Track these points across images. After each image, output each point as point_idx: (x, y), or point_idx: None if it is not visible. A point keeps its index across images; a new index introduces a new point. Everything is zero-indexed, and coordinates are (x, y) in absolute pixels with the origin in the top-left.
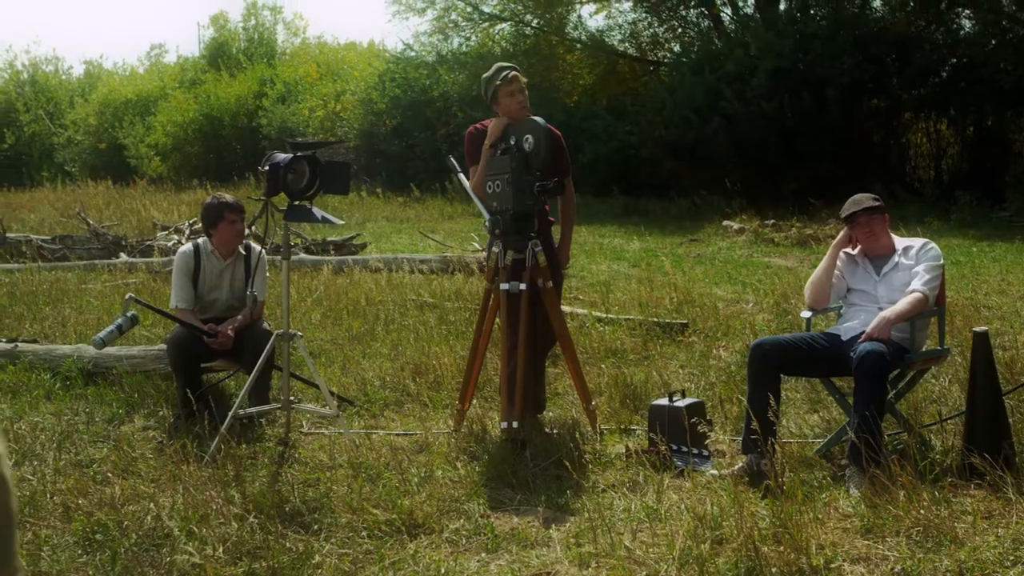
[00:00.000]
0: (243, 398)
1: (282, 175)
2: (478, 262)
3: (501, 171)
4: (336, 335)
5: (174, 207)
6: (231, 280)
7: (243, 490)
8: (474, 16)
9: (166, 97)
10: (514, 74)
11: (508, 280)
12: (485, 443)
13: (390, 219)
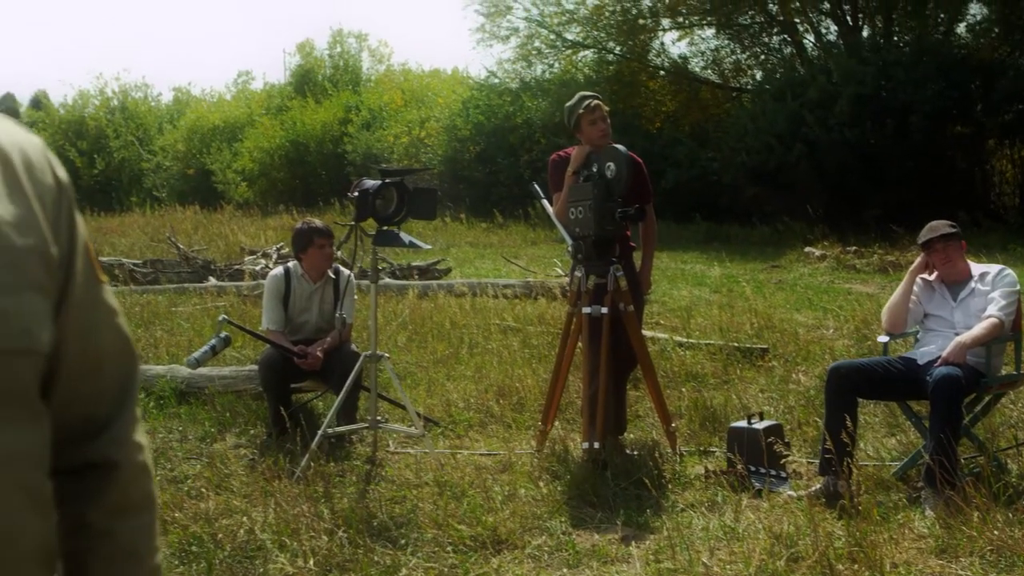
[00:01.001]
0: (332, 418)
1: (371, 201)
2: (560, 287)
3: (584, 197)
4: (421, 358)
5: (261, 232)
6: (320, 303)
7: (332, 506)
8: (557, 43)
9: (253, 123)
10: (596, 103)
11: (590, 304)
12: (567, 463)
13: (473, 244)
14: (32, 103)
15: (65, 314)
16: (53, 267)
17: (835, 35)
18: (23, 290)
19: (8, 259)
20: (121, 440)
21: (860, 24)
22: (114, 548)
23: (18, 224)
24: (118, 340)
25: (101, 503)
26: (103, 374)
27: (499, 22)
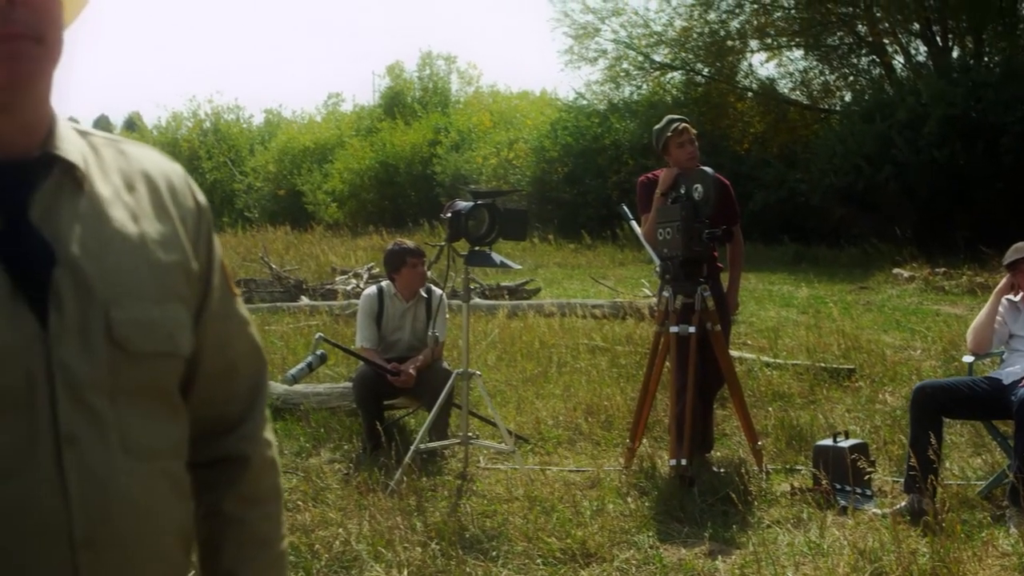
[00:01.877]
0: (424, 433)
1: (463, 222)
2: (648, 307)
3: (672, 219)
4: (511, 376)
5: (351, 252)
6: (413, 321)
7: (425, 519)
8: (645, 65)
9: (343, 145)
10: (684, 126)
11: (678, 323)
12: (655, 479)
13: (562, 265)
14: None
15: (203, 323)
16: (194, 281)
17: (924, 56)
18: (168, 301)
19: (155, 273)
20: (252, 437)
21: (950, 45)
22: (245, 534)
23: (164, 242)
24: (249, 347)
25: (234, 493)
26: (236, 377)
27: (587, 44)
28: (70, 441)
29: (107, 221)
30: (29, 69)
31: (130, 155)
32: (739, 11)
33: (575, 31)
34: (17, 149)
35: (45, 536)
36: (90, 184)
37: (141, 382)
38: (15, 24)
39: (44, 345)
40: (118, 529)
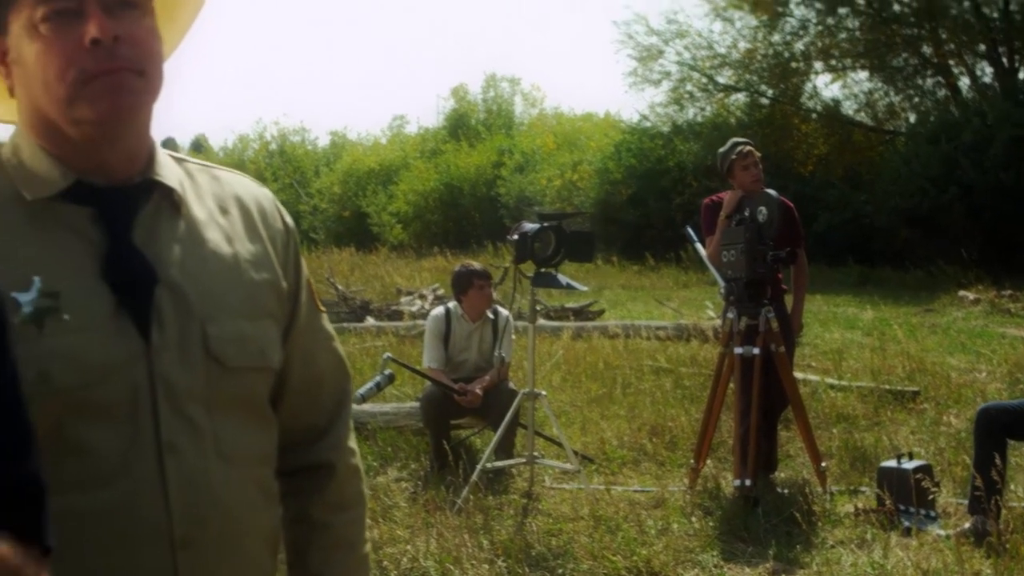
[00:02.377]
0: (490, 453)
1: (530, 244)
2: (712, 329)
3: (736, 241)
4: (575, 397)
5: (416, 273)
6: (479, 342)
7: (492, 537)
8: (709, 87)
9: (407, 166)
10: (748, 149)
11: (742, 344)
12: (719, 499)
13: (625, 287)
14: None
15: (291, 338)
16: (283, 299)
17: (990, 77)
18: (260, 317)
19: (248, 292)
20: (337, 446)
21: (1016, 66)
22: (331, 538)
23: (256, 262)
24: (334, 361)
25: (321, 499)
26: (322, 389)
27: (651, 66)
28: (170, 449)
29: (203, 243)
30: (131, 101)
31: (223, 180)
32: (803, 33)
33: (639, 53)
34: (120, 175)
35: (148, 536)
36: (187, 208)
37: (235, 394)
38: (119, 59)
39: (147, 359)
40: (213, 531)
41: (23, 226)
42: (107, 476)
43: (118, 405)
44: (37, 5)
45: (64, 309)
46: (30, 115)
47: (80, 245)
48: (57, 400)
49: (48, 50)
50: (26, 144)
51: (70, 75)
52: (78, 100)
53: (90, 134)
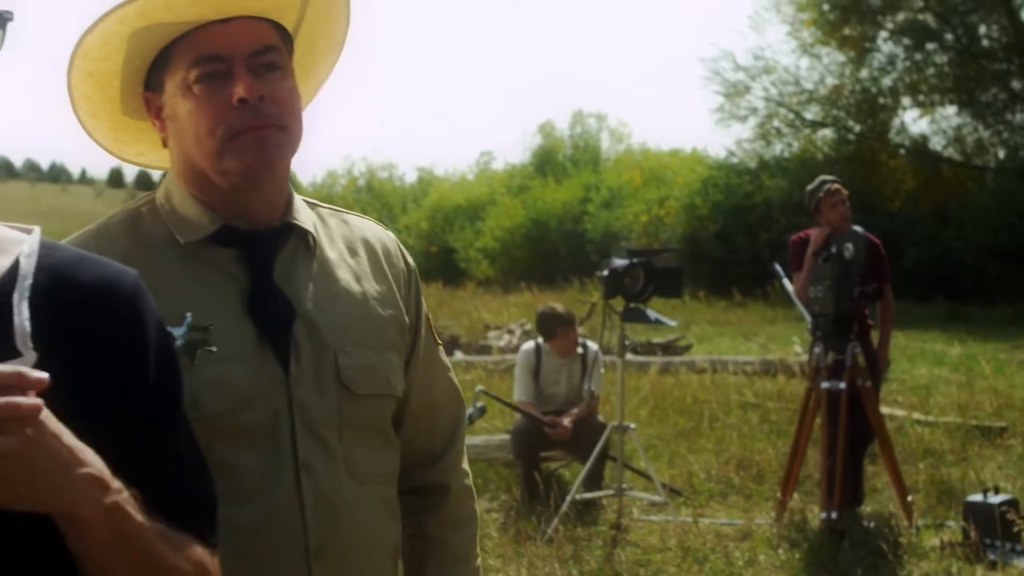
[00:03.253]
0: (579, 484)
1: (620, 279)
2: (799, 364)
3: (823, 277)
4: (663, 431)
5: (503, 308)
6: (568, 376)
7: (581, 567)
8: (796, 123)
9: (494, 202)
10: (836, 187)
11: (829, 379)
12: (805, 532)
13: (712, 322)
14: None
15: (412, 368)
16: (405, 332)
17: None
18: (385, 349)
19: (375, 326)
20: (452, 468)
21: None
22: (446, 553)
23: (381, 299)
24: (450, 389)
25: (437, 517)
26: (439, 415)
27: (738, 102)
28: (307, 468)
29: (335, 281)
30: (273, 154)
31: (351, 224)
32: (891, 68)
33: (726, 89)
34: (262, 220)
35: (286, 547)
36: (320, 249)
37: (362, 419)
38: (264, 117)
39: (286, 387)
40: (343, 543)
41: (176, 266)
42: (251, 493)
43: (261, 429)
44: (191, 67)
45: (213, 342)
46: (182, 165)
47: (227, 283)
48: (207, 424)
49: (200, 108)
50: (177, 191)
51: (219, 131)
52: (226, 153)
53: (236, 183)
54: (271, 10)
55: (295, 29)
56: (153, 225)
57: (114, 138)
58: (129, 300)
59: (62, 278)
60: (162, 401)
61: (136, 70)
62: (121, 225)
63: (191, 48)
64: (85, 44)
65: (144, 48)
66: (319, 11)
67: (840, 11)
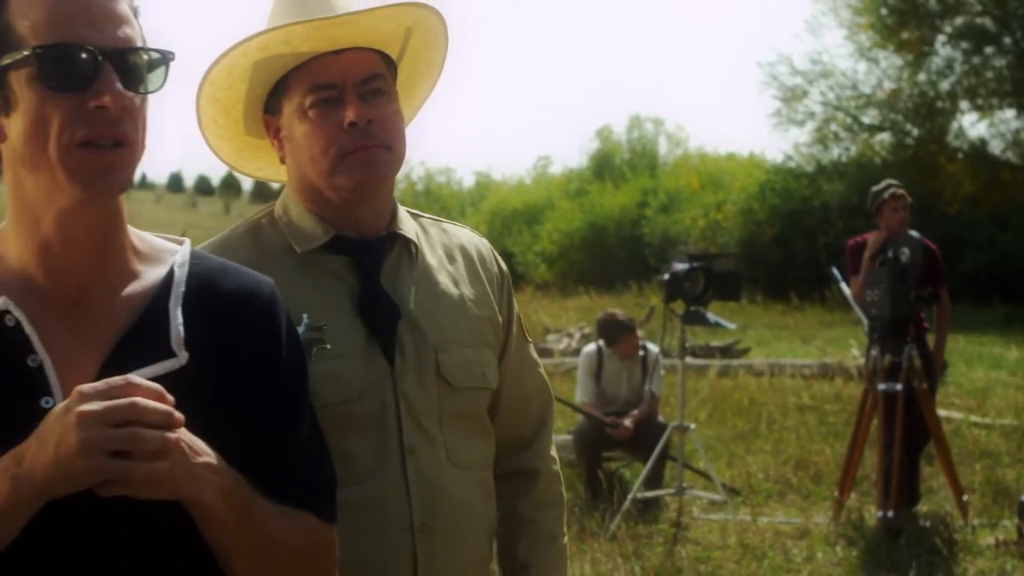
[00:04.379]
0: (640, 483)
1: (680, 283)
2: (857, 367)
3: (880, 281)
4: (721, 433)
5: (561, 312)
6: (629, 378)
7: (643, 563)
8: (854, 127)
9: (552, 206)
10: (901, 192)
11: (885, 381)
12: (862, 530)
13: (770, 326)
14: None
15: (504, 363)
16: (498, 330)
17: None
18: (481, 346)
19: (472, 325)
20: (541, 454)
21: None
22: (537, 532)
23: (477, 301)
24: (539, 382)
25: (527, 499)
26: (529, 406)
27: (795, 106)
28: (411, 453)
29: (435, 284)
30: (380, 171)
31: (449, 232)
32: (949, 72)
33: (783, 93)
34: (370, 230)
35: (394, 524)
36: (422, 256)
37: (460, 409)
38: (372, 138)
39: (392, 381)
40: (444, 521)
41: (293, 272)
42: (362, 475)
43: (370, 418)
44: (306, 94)
45: (327, 340)
46: (297, 181)
47: (339, 287)
48: (323, 414)
49: (314, 130)
50: (293, 205)
51: (332, 151)
52: (338, 171)
53: (347, 198)
54: (378, 41)
55: (399, 57)
56: (272, 235)
57: (236, 155)
58: (267, 305)
59: (208, 285)
60: (292, 394)
61: (257, 96)
62: (245, 236)
63: (307, 76)
64: (212, 73)
65: (265, 77)
66: (421, 41)
67: (898, 15)
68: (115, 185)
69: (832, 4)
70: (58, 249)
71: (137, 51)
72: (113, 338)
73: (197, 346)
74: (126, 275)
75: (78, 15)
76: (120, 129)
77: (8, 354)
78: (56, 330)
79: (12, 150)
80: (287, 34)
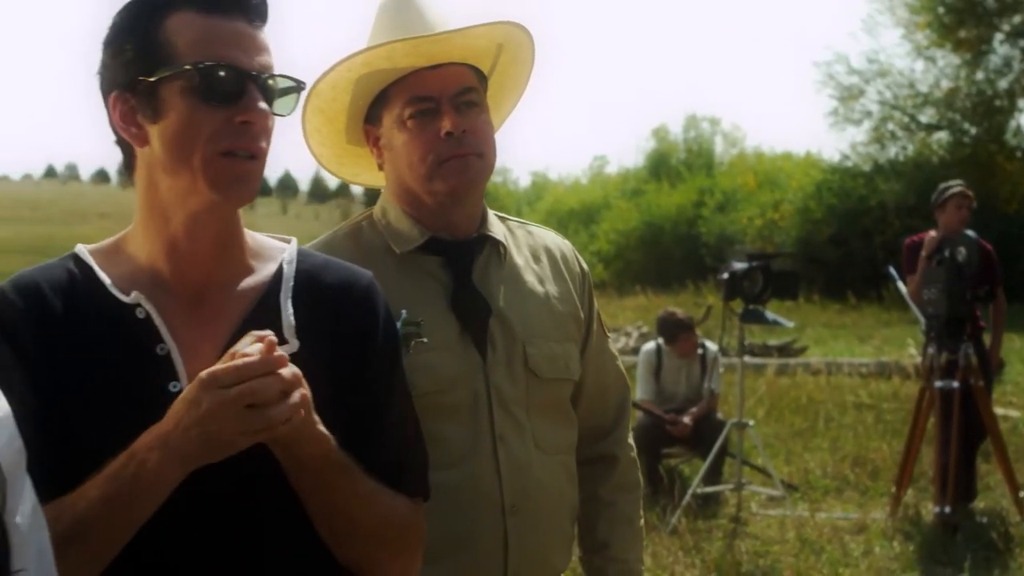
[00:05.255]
0: (700, 479)
1: (739, 282)
2: (914, 366)
3: (936, 280)
4: (779, 430)
5: (618, 311)
6: (688, 376)
7: (703, 556)
8: (911, 126)
9: (609, 206)
10: (969, 192)
11: (942, 379)
12: (919, 526)
13: (827, 325)
14: None
15: (586, 356)
16: (580, 326)
17: None
18: (565, 340)
19: (556, 321)
20: (620, 442)
21: None
22: (616, 514)
23: (561, 298)
24: (617, 374)
25: (607, 484)
26: (608, 396)
27: (852, 106)
28: (502, 439)
29: (522, 283)
30: (474, 178)
31: (534, 234)
32: (1007, 70)
33: (840, 93)
34: (463, 231)
35: (486, 505)
36: (510, 256)
37: (546, 399)
38: (466, 146)
39: (483, 372)
40: (532, 502)
41: (392, 271)
42: (456, 459)
43: (464, 406)
44: (405, 105)
45: (424, 334)
46: (396, 186)
47: (434, 285)
48: (420, 402)
49: (413, 139)
50: (392, 208)
51: (429, 159)
52: (435, 177)
53: (442, 202)
54: (471, 58)
55: (490, 71)
56: (372, 236)
57: (336, 162)
58: (364, 295)
59: (313, 279)
60: (387, 376)
61: (359, 108)
62: (347, 237)
63: (406, 89)
64: (318, 87)
65: (367, 90)
66: (510, 57)
67: (955, 13)
68: (247, 193)
69: (889, 3)
70: (185, 247)
71: (276, 77)
72: (232, 327)
73: (305, 334)
74: (242, 271)
75: (230, 40)
76: (257, 143)
77: (139, 343)
78: (181, 321)
79: (151, 155)
80: (389, 51)
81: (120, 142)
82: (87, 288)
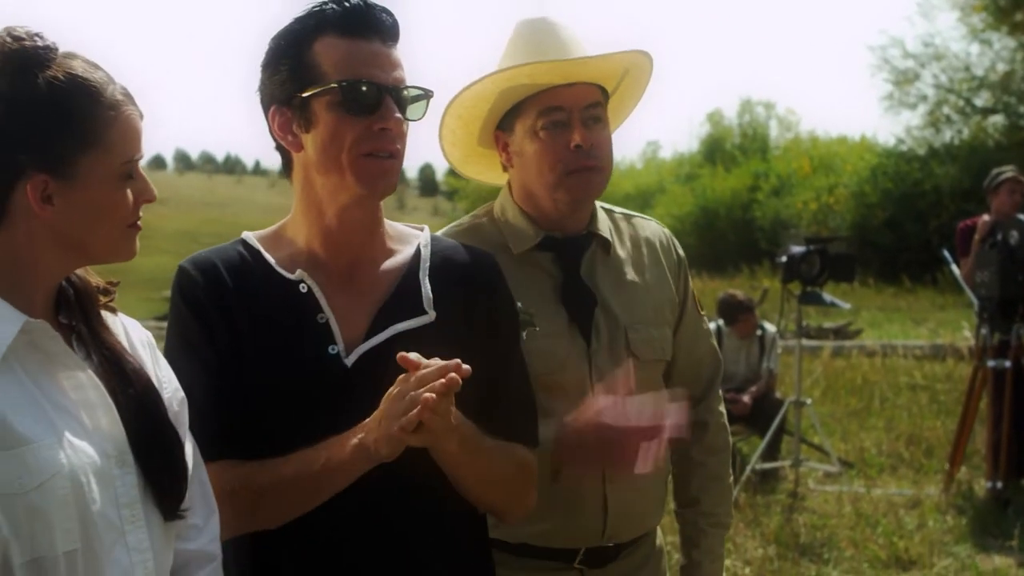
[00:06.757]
0: (758, 456)
1: (797, 265)
2: (968, 348)
3: (989, 263)
4: (835, 410)
5: None
6: (747, 356)
7: (762, 530)
8: (966, 110)
9: (663, 191)
10: (1021, 178)
11: (994, 358)
12: (972, 500)
13: (882, 308)
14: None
15: (679, 334)
16: (675, 309)
17: None
18: (661, 325)
19: (654, 307)
20: (711, 409)
21: None
22: (707, 473)
23: (659, 285)
24: (710, 349)
25: (699, 446)
26: (700, 368)
27: (907, 90)
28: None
29: (624, 274)
30: (595, 191)
31: (637, 225)
32: None
33: (895, 77)
34: (575, 229)
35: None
36: (614, 249)
37: (644, 378)
38: (591, 159)
39: (588, 357)
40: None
41: (509, 265)
42: None
43: (571, 386)
44: (538, 117)
45: (537, 323)
46: (519, 188)
47: (546, 279)
48: (536, 382)
49: (544, 149)
50: (511, 206)
51: (558, 168)
52: (561, 186)
53: (563, 209)
54: (601, 78)
55: (613, 90)
56: (491, 232)
57: (463, 161)
58: (489, 274)
59: (446, 260)
60: (510, 343)
61: (494, 116)
62: (468, 231)
63: (540, 102)
64: (462, 96)
65: (505, 102)
66: (632, 79)
67: None
68: (388, 187)
69: None
70: (337, 233)
71: (408, 88)
72: (379, 300)
73: (441, 306)
74: (384, 253)
75: (368, 59)
76: (394, 145)
77: (303, 313)
78: (336, 294)
79: (307, 158)
80: (532, 70)
81: (279, 148)
82: (256, 267)
